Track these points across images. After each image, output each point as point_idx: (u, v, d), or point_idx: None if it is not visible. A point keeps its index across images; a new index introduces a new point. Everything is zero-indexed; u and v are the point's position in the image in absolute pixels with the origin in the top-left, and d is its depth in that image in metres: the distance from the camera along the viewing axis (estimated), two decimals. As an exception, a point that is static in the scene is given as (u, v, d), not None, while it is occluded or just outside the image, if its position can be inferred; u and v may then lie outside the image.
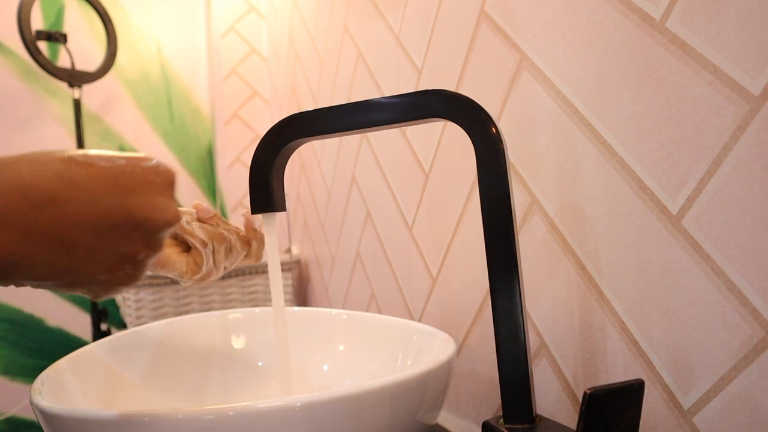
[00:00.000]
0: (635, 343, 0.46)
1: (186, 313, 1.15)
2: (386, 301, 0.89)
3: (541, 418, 0.42)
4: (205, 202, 0.55)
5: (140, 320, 1.12)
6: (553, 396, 0.55)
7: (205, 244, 0.51)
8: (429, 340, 0.56)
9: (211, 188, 1.69)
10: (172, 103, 1.64)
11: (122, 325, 1.40)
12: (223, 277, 1.16)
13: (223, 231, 0.53)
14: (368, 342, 0.64)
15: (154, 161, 0.35)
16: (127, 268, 0.34)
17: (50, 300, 1.40)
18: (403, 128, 0.79)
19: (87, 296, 0.35)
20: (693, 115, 0.40)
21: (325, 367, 0.66)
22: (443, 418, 0.71)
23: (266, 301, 1.23)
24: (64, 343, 1.44)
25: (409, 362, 0.59)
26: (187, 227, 0.51)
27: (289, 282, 1.24)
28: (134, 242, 0.34)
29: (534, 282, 0.56)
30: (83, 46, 1.49)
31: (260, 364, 0.68)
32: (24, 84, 1.43)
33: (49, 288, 0.34)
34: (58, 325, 1.42)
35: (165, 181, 0.35)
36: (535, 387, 0.45)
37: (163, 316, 1.13)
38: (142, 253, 0.34)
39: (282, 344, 0.52)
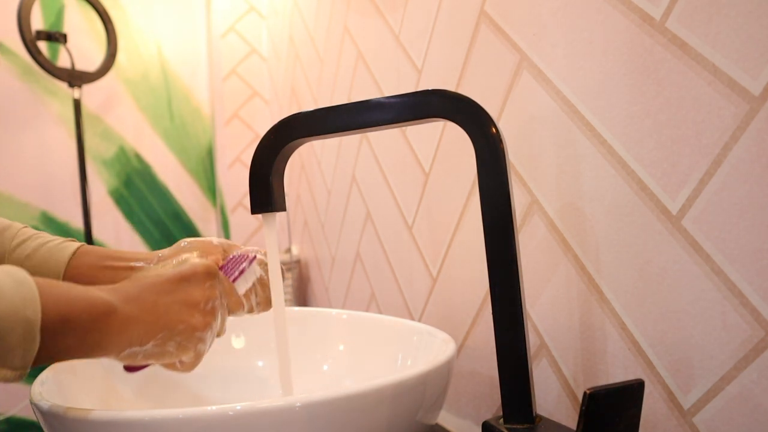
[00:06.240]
0: (635, 343, 0.46)
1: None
2: (386, 301, 0.89)
3: (541, 418, 0.42)
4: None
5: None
6: (553, 396, 0.55)
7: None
8: (429, 340, 0.56)
9: (211, 188, 1.69)
10: (172, 103, 1.64)
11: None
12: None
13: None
14: (368, 342, 0.64)
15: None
16: (197, 315, 0.43)
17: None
18: (403, 128, 0.79)
19: (179, 357, 0.44)
20: (693, 115, 0.40)
21: (325, 367, 0.66)
22: (443, 418, 0.71)
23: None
24: (64, 343, 1.44)
25: (409, 362, 0.59)
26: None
27: (289, 282, 1.24)
28: (193, 292, 0.43)
29: (534, 282, 0.56)
30: (83, 46, 1.49)
31: (260, 364, 0.68)
32: (24, 84, 1.43)
33: (152, 355, 0.42)
34: (58, 325, 1.42)
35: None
36: (535, 387, 0.45)
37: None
38: (203, 300, 0.43)
39: (282, 344, 0.52)
